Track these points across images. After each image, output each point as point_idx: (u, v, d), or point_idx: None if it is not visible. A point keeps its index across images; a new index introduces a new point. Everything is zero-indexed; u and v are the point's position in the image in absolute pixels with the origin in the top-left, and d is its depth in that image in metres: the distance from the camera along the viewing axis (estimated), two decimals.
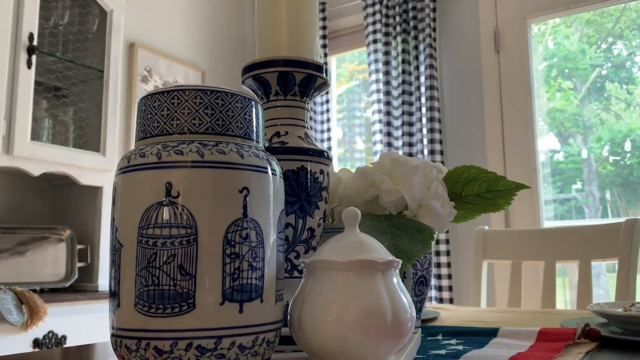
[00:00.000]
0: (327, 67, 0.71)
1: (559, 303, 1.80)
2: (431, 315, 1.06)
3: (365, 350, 0.52)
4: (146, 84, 2.98)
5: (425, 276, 0.83)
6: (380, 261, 0.54)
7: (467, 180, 0.80)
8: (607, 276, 2.68)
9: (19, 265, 2.24)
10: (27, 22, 2.20)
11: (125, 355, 0.51)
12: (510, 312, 1.21)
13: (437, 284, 2.88)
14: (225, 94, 0.54)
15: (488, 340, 0.78)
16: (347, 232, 0.58)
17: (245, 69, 0.69)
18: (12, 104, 2.14)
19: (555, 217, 2.86)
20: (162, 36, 3.13)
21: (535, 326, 0.84)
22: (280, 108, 0.69)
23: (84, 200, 2.51)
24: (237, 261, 0.50)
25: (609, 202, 2.77)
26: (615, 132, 2.79)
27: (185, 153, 0.50)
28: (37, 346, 1.97)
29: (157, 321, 0.48)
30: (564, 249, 1.61)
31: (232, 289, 0.49)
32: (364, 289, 0.53)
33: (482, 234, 1.75)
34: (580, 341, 0.75)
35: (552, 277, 1.58)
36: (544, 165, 2.87)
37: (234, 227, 0.50)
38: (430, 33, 2.98)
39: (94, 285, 2.42)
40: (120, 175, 0.53)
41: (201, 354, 0.48)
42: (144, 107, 0.55)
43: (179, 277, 0.48)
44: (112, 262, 0.52)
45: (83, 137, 2.50)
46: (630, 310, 0.86)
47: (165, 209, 0.49)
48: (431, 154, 2.93)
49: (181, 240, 0.49)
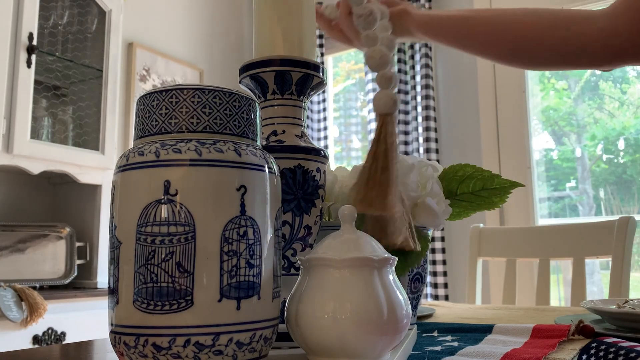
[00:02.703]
0: (324, 67, 0.72)
1: (553, 300, 1.81)
2: (427, 312, 1.07)
3: (361, 347, 0.52)
4: (145, 83, 2.98)
5: (420, 273, 0.83)
6: (376, 258, 0.54)
7: (462, 179, 0.81)
8: (601, 273, 2.69)
9: (19, 263, 2.25)
10: (27, 22, 2.20)
11: (124, 352, 0.51)
12: (505, 309, 1.22)
13: (433, 281, 2.88)
14: (223, 93, 0.54)
15: (483, 337, 0.78)
16: (343, 229, 0.58)
17: (243, 68, 0.70)
18: (12, 102, 2.14)
19: (550, 215, 2.87)
20: (160, 36, 3.13)
21: (530, 323, 0.84)
22: (277, 107, 0.69)
23: (83, 198, 2.51)
24: (235, 258, 0.50)
25: (602, 200, 2.78)
26: (608, 131, 2.80)
27: (184, 151, 0.51)
28: (37, 342, 1.98)
29: (156, 318, 0.49)
30: (558, 247, 1.61)
31: (230, 286, 0.50)
32: (360, 286, 0.53)
33: (477, 231, 1.76)
34: (574, 338, 0.76)
35: (546, 275, 1.59)
36: (538, 164, 2.88)
37: (231, 225, 0.50)
38: None
39: (93, 282, 2.42)
40: (119, 173, 0.53)
41: (199, 350, 0.48)
42: (143, 106, 0.55)
43: (177, 274, 0.49)
44: (111, 260, 0.53)
45: (82, 136, 2.51)
46: (624, 307, 0.86)
47: (164, 206, 0.50)
48: (427, 152, 2.94)
49: (179, 237, 0.49)
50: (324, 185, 0.69)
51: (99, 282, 2.42)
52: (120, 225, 0.52)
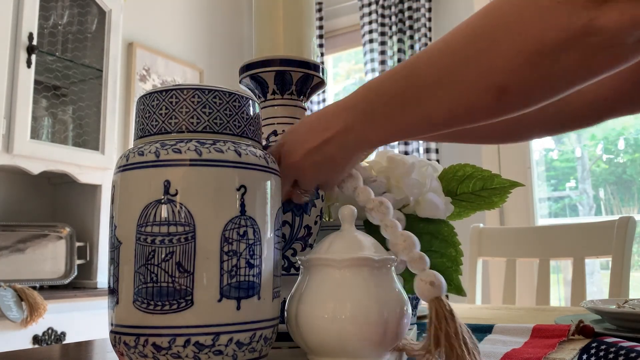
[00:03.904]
0: (324, 67, 0.72)
1: (553, 300, 1.81)
2: (427, 312, 1.07)
3: (361, 347, 0.53)
4: (144, 83, 2.98)
5: None
6: (377, 258, 0.54)
7: (462, 179, 0.81)
8: (601, 273, 2.69)
9: (19, 263, 2.25)
10: (27, 22, 2.20)
11: (124, 352, 0.51)
12: (505, 308, 1.22)
13: None
14: (223, 93, 0.54)
15: (483, 337, 0.78)
16: (343, 229, 0.58)
17: (243, 68, 0.70)
18: (11, 102, 2.14)
19: (550, 214, 2.87)
20: (160, 36, 3.13)
21: (530, 323, 0.84)
22: (278, 107, 0.70)
23: (83, 198, 2.51)
24: (235, 258, 0.50)
25: (602, 200, 2.78)
26: (608, 131, 2.80)
27: (183, 151, 0.51)
28: (37, 342, 1.98)
29: (156, 318, 0.49)
30: (558, 247, 1.61)
31: (230, 286, 0.50)
32: (361, 286, 0.53)
33: (477, 231, 1.76)
34: (574, 337, 0.76)
35: (546, 274, 1.59)
36: (538, 164, 2.88)
37: (231, 225, 0.50)
38: (425, 33, 2.98)
39: (93, 282, 2.42)
40: (119, 173, 0.53)
41: (199, 350, 0.49)
42: (143, 106, 0.55)
43: (177, 274, 0.49)
44: (111, 260, 0.53)
45: (82, 136, 2.51)
46: (624, 307, 0.86)
47: (164, 206, 0.50)
48: (427, 152, 2.94)
49: (179, 237, 0.49)
50: None
51: (99, 282, 2.42)
52: (120, 225, 0.52)
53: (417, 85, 0.53)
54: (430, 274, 0.53)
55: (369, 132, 0.57)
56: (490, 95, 0.49)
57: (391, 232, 0.56)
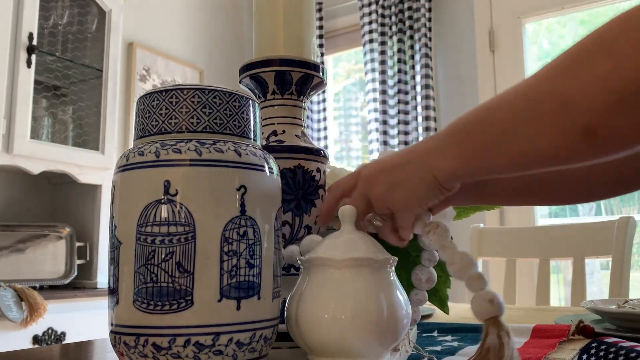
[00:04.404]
0: (324, 67, 0.72)
1: (553, 300, 1.81)
2: (427, 312, 1.07)
3: (361, 347, 0.53)
4: (144, 83, 2.98)
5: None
6: (377, 258, 0.54)
7: None
8: (601, 273, 2.69)
9: (19, 263, 2.25)
10: (27, 22, 2.20)
11: (124, 352, 0.51)
12: (505, 308, 1.21)
13: None
14: (223, 93, 0.54)
15: None
16: (343, 229, 0.58)
17: (243, 68, 0.70)
18: (11, 102, 2.15)
19: (550, 214, 2.87)
20: (160, 36, 3.13)
21: (530, 323, 0.84)
22: (277, 107, 0.70)
23: (83, 198, 2.51)
24: (235, 258, 0.50)
25: (602, 200, 2.78)
26: None
27: (183, 151, 0.51)
28: (37, 342, 1.98)
29: (156, 318, 0.49)
30: (558, 247, 1.62)
31: (230, 286, 0.50)
32: (361, 286, 0.53)
33: (477, 231, 1.76)
34: (574, 337, 0.76)
35: (546, 274, 1.59)
36: None
37: (231, 225, 0.50)
38: (425, 33, 2.98)
39: (93, 282, 2.42)
40: (119, 173, 0.53)
41: (199, 350, 0.49)
42: (143, 106, 0.55)
43: (177, 275, 0.49)
44: (111, 260, 0.53)
45: (82, 136, 2.51)
46: (624, 307, 0.86)
47: (164, 207, 0.50)
48: None
49: (179, 237, 0.49)
50: (324, 185, 0.70)
51: (99, 282, 2.42)
52: (120, 225, 0.52)
53: (498, 119, 0.52)
54: (490, 293, 0.52)
55: (440, 161, 0.55)
56: (577, 136, 0.45)
57: (449, 253, 0.55)
